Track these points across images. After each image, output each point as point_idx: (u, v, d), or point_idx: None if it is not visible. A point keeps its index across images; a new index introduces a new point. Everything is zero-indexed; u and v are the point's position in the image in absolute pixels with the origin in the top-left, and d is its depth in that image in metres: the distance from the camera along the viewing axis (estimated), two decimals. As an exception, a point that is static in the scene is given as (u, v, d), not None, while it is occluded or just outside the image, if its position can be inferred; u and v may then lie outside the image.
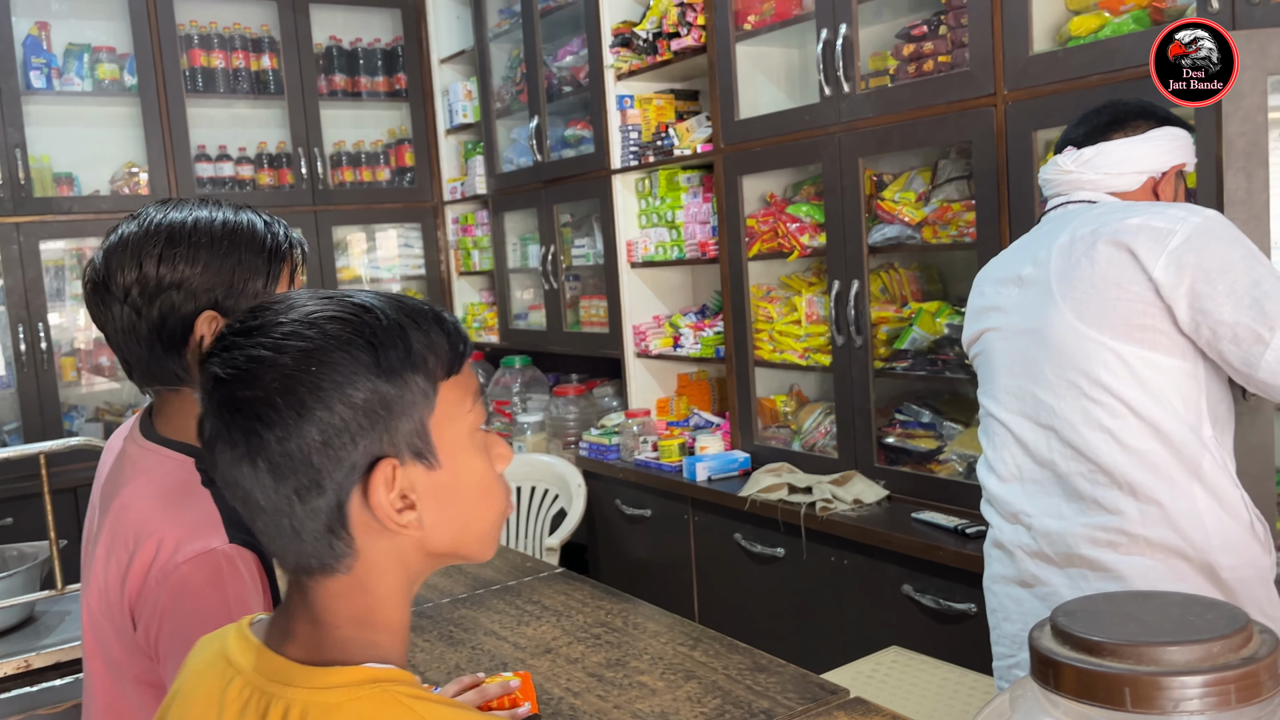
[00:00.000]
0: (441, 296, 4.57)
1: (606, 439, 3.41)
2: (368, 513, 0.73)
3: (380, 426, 0.72)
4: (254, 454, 0.71)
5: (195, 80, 4.01)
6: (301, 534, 0.73)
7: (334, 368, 0.71)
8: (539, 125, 3.75)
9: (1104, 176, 1.57)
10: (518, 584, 1.97)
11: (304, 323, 0.73)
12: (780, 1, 2.84)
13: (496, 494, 0.80)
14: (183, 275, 1.06)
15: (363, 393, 0.71)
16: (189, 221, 1.09)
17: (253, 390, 0.71)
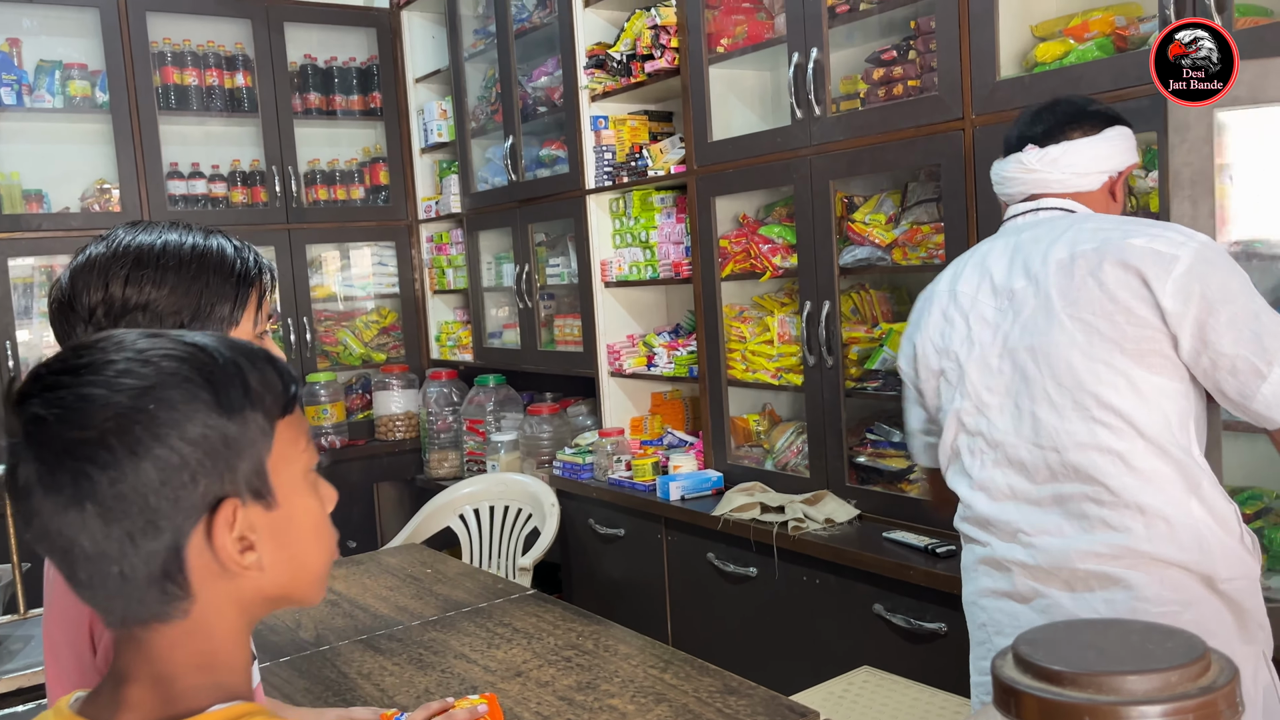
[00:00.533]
0: (416, 315, 4.56)
1: (580, 458, 3.40)
2: (207, 555, 0.71)
3: (221, 465, 0.70)
4: (83, 498, 0.67)
5: (168, 97, 3.99)
6: (132, 581, 0.69)
7: (172, 405, 0.69)
8: (514, 145, 3.75)
9: (1070, 176, 1.57)
10: (489, 606, 1.96)
11: (138, 360, 0.70)
12: (753, 25, 2.87)
13: (328, 535, 0.80)
14: (149, 297, 1.06)
15: (203, 430, 0.69)
16: (158, 244, 1.08)
17: (83, 430, 0.67)
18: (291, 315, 4.23)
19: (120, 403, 0.68)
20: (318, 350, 4.34)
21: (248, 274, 1.11)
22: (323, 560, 0.79)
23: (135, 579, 0.69)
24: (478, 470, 4.00)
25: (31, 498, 0.68)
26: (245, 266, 1.12)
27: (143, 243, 1.08)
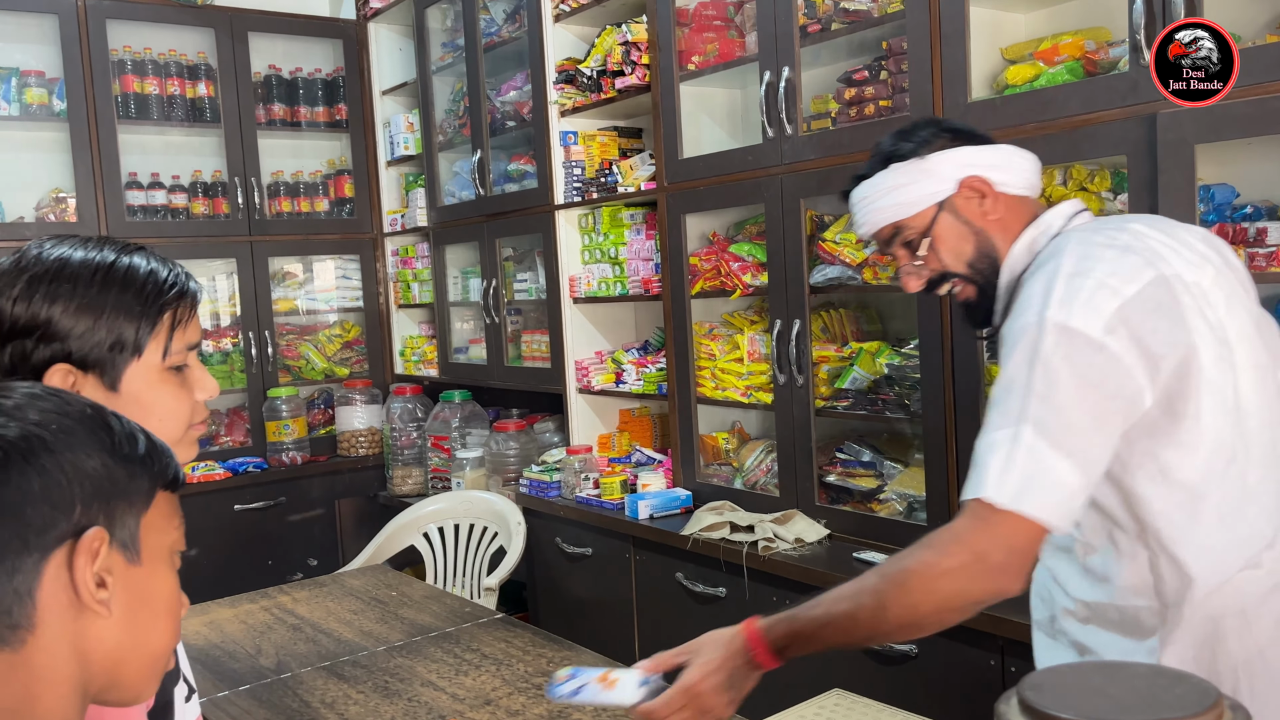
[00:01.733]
0: (380, 329, 4.50)
1: (547, 476, 3.36)
2: (63, 582, 0.69)
3: (101, 502, 0.71)
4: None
5: (128, 106, 3.92)
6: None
7: (74, 433, 0.71)
8: (482, 159, 3.72)
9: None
10: (456, 630, 1.92)
11: (47, 393, 0.74)
12: (724, 43, 2.87)
13: (175, 623, 0.79)
14: (38, 317, 0.97)
15: (96, 464, 0.72)
16: (61, 258, 1.00)
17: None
18: (253, 329, 4.15)
19: (29, 417, 0.70)
20: (279, 364, 4.26)
21: (159, 295, 1.02)
22: (165, 644, 0.77)
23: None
24: (442, 488, 3.94)
25: None
26: (157, 287, 1.02)
27: (47, 256, 1.00)
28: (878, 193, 1.44)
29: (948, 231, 1.42)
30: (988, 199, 1.41)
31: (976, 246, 1.42)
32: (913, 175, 1.42)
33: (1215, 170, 1.98)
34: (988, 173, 1.41)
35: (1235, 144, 1.88)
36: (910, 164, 1.42)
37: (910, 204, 1.42)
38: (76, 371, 0.98)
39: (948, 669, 2.14)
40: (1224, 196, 1.95)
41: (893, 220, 1.44)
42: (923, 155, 1.42)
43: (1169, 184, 1.86)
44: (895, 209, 1.43)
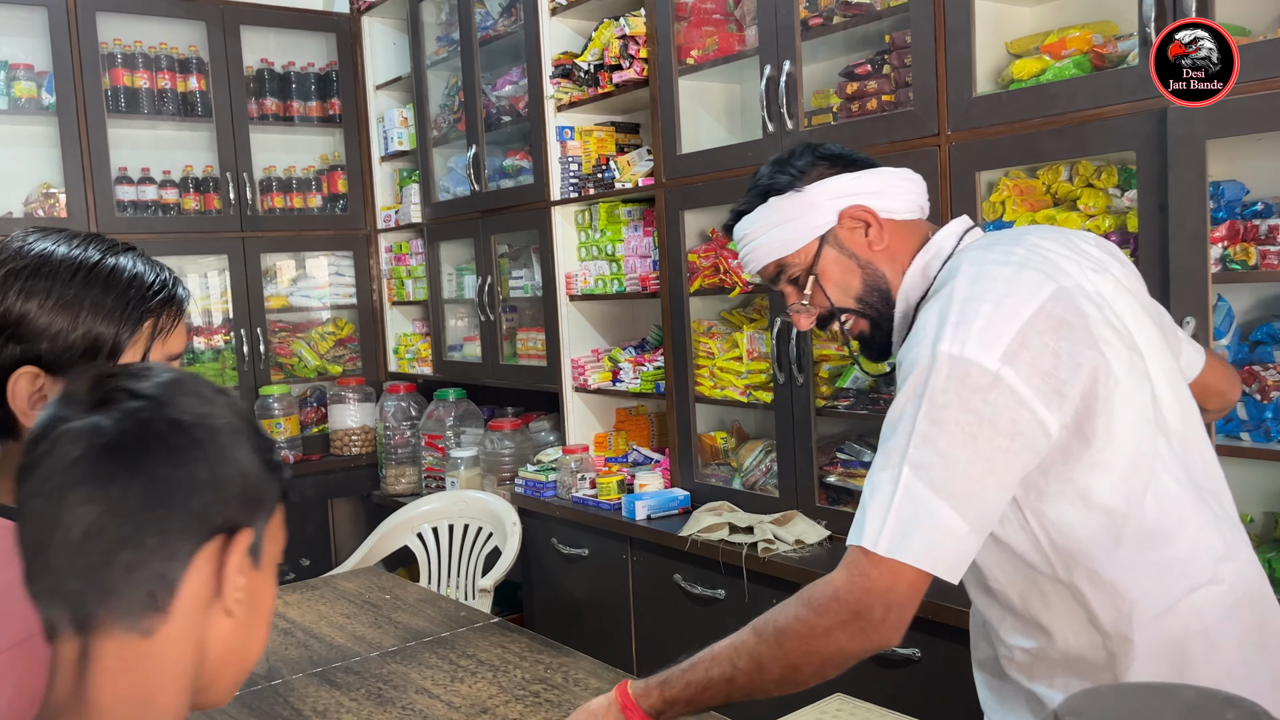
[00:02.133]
0: (374, 326, 4.46)
1: (543, 475, 3.32)
2: (206, 576, 0.71)
3: (251, 503, 0.73)
4: (131, 477, 0.67)
5: (118, 100, 3.86)
6: (133, 573, 0.67)
7: (240, 431, 0.74)
8: (477, 154, 3.68)
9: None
10: (451, 635, 1.88)
11: (216, 388, 0.76)
12: (723, 37, 2.83)
13: (269, 631, 0.80)
14: (11, 313, 0.92)
15: (253, 465, 0.74)
16: (44, 254, 0.94)
17: (170, 413, 0.70)
18: (245, 326, 4.10)
19: (213, 403, 0.73)
20: (271, 362, 4.21)
21: (142, 300, 0.96)
22: (259, 651, 0.79)
23: (137, 571, 0.68)
24: (436, 487, 3.90)
25: (79, 463, 0.67)
26: (140, 291, 0.96)
27: (29, 251, 0.94)
28: (757, 229, 1.37)
29: (832, 266, 1.34)
30: (872, 228, 1.33)
31: (864, 280, 1.34)
32: (792, 209, 1.34)
33: (1225, 166, 1.95)
34: (870, 200, 1.33)
35: (1244, 140, 1.85)
36: (788, 197, 1.34)
37: (791, 240, 1.34)
38: (45, 375, 0.92)
39: (951, 673, 2.10)
40: (1234, 193, 1.92)
41: (775, 258, 1.36)
42: (800, 187, 1.34)
43: (1179, 180, 1.82)
44: (776, 246, 1.35)
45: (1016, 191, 2.17)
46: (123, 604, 0.68)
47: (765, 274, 1.40)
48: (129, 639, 0.68)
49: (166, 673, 0.69)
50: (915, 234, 1.36)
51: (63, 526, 0.67)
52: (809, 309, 1.37)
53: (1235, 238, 1.86)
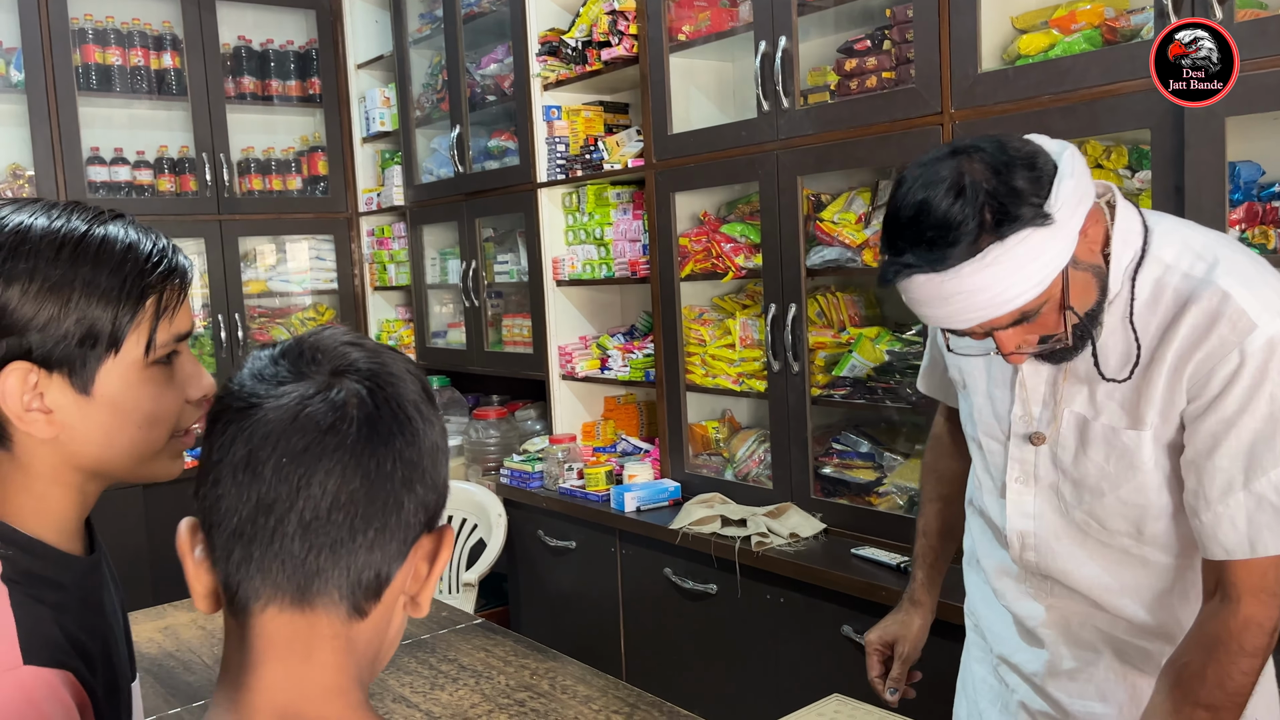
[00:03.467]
0: (355, 312, 4.35)
1: (529, 465, 3.23)
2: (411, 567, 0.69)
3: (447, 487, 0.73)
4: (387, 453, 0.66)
5: (89, 78, 3.73)
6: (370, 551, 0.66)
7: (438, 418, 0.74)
8: (461, 135, 3.57)
9: None
10: (431, 638, 1.79)
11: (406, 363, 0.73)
12: (716, 13, 2.73)
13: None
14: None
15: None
16: (19, 229, 0.81)
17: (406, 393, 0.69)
18: (223, 311, 3.99)
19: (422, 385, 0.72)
20: (250, 348, 4.10)
21: (141, 276, 0.83)
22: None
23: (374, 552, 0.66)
24: (420, 476, 3.81)
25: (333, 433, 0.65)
26: (138, 265, 0.83)
27: (3, 227, 0.81)
28: (994, 281, 1.06)
29: (1078, 288, 1.12)
30: (1092, 225, 1.13)
31: (1097, 287, 1.15)
32: (1038, 244, 1.05)
33: (1241, 147, 1.86)
34: (1087, 199, 1.10)
35: (1261, 120, 1.77)
36: (1034, 231, 1.05)
37: (1043, 279, 1.08)
38: (39, 370, 0.80)
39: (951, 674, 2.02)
40: (1250, 174, 1.84)
41: (1027, 305, 1.09)
42: (1045, 219, 1.05)
43: (1196, 160, 1.74)
44: (1031, 289, 1.07)
45: (1022, 172, 2.08)
46: (349, 583, 0.65)
47: (994, 325, 1.12)
48: (345, 619, 0.66)
49: (364, 656, 0.68)
50: (1099, 224, 1.16)
51: (308, 496, 0.63)
52: (1033, 342, 1.16)
53: (1254, 220, 1.78)
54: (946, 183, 1.07)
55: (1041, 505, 1.30)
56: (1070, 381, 1.24)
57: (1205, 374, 1.12)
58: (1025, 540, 1.32)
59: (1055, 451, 1.27)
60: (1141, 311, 1.16)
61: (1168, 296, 1.15)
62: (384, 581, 0.66)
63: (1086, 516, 1.26)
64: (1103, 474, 1.22)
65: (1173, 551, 1.24)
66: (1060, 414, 1.25)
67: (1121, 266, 1.17)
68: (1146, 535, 1.23)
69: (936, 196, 1.06)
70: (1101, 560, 1.27)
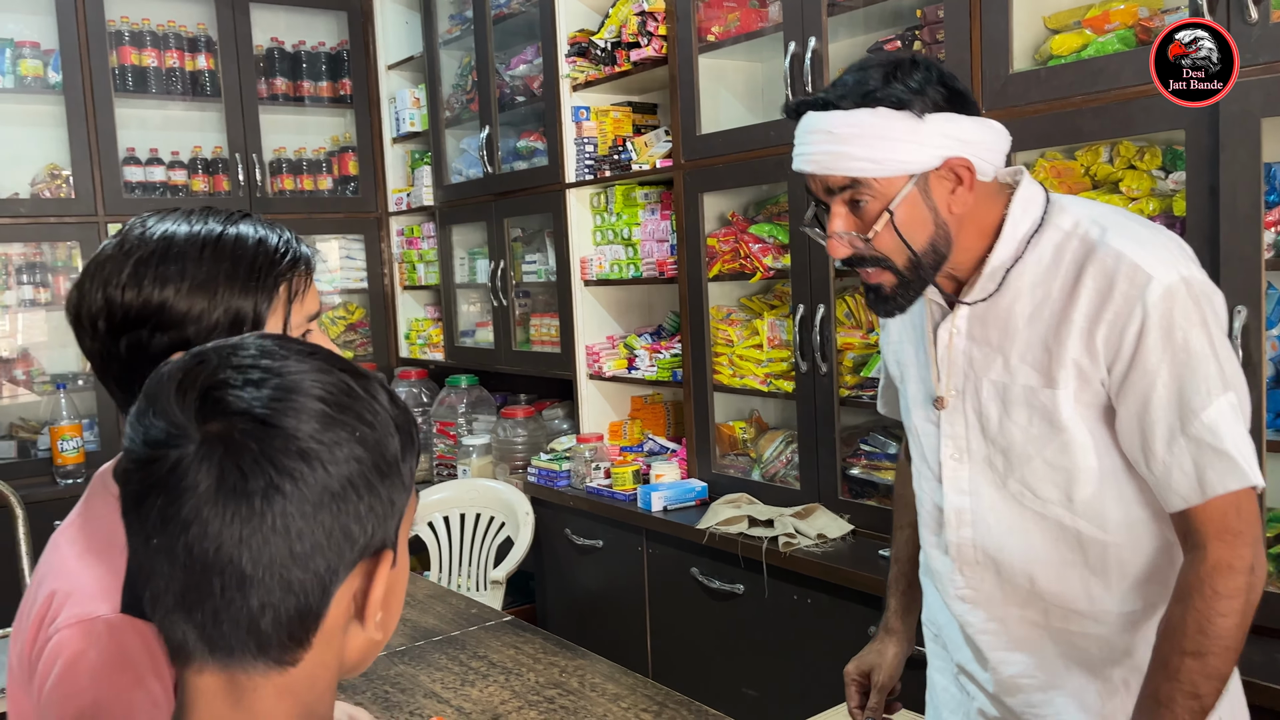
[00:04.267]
0: (385, 311, 4.39)
1: (556, 464, 3.25)
2: (346, 604, 0.65)
3: (391, 509, 0.65)
4: (266, 513, 0.59)
5: (125, 79, 3.79)
6: (268, 615, 0.61)
7: (377, 434, 0.64)
8: (490, 135, 3.59)
9: None
10: (461, 635, 1.80)
11: (322, 367, 0.65)
12: (746, 13, 2.73)
13: (400, 607, 0.73)
14: (151, 302, 0.90)
15: (389, 469, 0.64)
16: (166, 236, 0.92)
17: (295, 441, 0.60)
18: (254, 310, 4.03)
19: (335, 418, 0.62)
20: (282, 347, 4.14)
21: (272, 266, 0.94)
22: (393, 629, 0.72)
23: (274, 612, 0.61)
24: (448, 475, 3.84)
25: (199, 501, 0.59)
26: (269, 257, 0.94)
27: (150, 236, 0.92)
28: (849, 133, 1.16)
29: (910, 213, 1.19)
30: (962, 186, 1.20)
31: (931, 238, 1.21)
32: (899, 131, 1.16)
33: (1276, 148, 1.84)
34: (976, 156, 1.19)
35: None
36: (903, 117, 1.16)
37: (884, 163, 1.16)
38: None
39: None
40: (1287, 175, 1.82)
41: (857, 174, 1.17)
42: (921, 112, 1.16)
43: (1232, 160, 1.72)
44: (865, 163, 1.16)
45: (1054, 173, 2.08)
46: (261, 649, 0.63)
47: (828, 183, 1.21)
48: (277, 674, 0.64)
49: (316, 691, 0.66)
50: (993, 202, 1.24)
51: (194, 568, 0.61)
52: (853, 241, 1.21)
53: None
54: (885, 57, 1.23)
55: (976, 479, 1.31)
56: (984, 350, 1.27)
57: (1117, 335, 1.17)
58: (962, 517, 1.32)
59: (982, 423, 1.29)
60: (1042, 274, 1.22)
61: (1066, 259, 1.22)
62: (307, 632, 0.64)
63: (1020, 486, 1.27)
64: (1028, 437, 1.25)
65: (1104, 526, 1.24)
66: (980, 384, 1.28)
67: (1020, 233, 1.24)
68: (1077, 503, 1.24)
69: (870, 62, 1.21)
70: (1038, 534, 1.27)
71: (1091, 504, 1.24)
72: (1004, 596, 1.31)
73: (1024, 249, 1.24)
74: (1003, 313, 1.25)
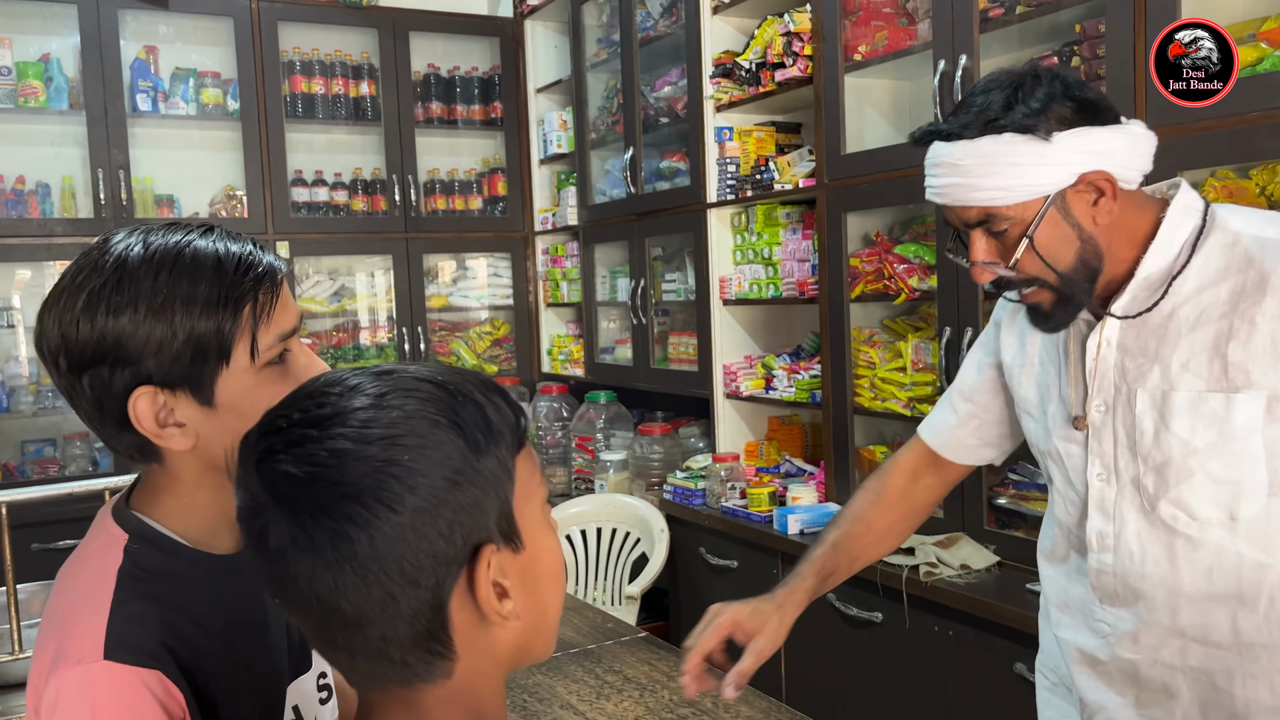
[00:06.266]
0: (529, 327, 4.50)
1: (692, 483, 3.26)
2: (469, 608, 0.66)
3: (476, 510, 0.65)
4: (342, 560, 0.62)
5: (295, 106, 4.03)
6: (395, 644, 0.65)
7: (424, 452, 0.64)
8: (634, 156, 3.65)
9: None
10: (598, 648, 1.83)
11: (379, 406, 0.65)
12: (893, 31, 2.69)
13: (564, 575, 0.75)
14: (106, 337, 0.82)
15: (455, 475, 0.64)
16: (118, 259, 0.84)
17: (339, 487, 0.62)
18: (407, 324, 4.21)
19: (374, 455, 0.63)
20: (431, 360, 4.31)
21: (234, 286, 0.84)
22: (560, 603, 0.75)
23: (399, 641, 0.65)
24: (585, 489, 3.90)
25: (286, 561, 0.64)
26: (228, 272, 0.84)
27: (103, 264, 0.84)
28: (974, 164, 1.15)
29: (1052, 234, 1.16)
30: (1105, 198, 1.16)
31: (1078, 254, 1.17)
32: (1027, 155, 1.13)
33: None
34: (1116, 166, 1.15)
35: None
36: (1028, 140, 1.13)
37: (1015, 190, 1.14)
38: (165, 392, 0.84)
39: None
40: None
41: (988, 205, 1.16)
42: (1046, 134, 1.13)
43: None
44: (995, 192, 1.14)
45: (1226, 193, 1.96)
46: (409, 671, 0.66)
47: (962, 216, 1.20)
48: (439, 685, 0.67)
49: (481, 695, 0.69)
50: (1143, 210, 1.20)
51: (314, 618, 0.66)
52: (997, 268, 1.20)
53: None
54: (1009, 76, 1.18)
55: (1123, 504, 1.24)
56: (1139, 361, 1.21)
57: None
58: (1104, 541, 1.25)
59: (1134, 438, 1.21)
60: (1210, 278, 1.16)
61: (1237, 261, 1.15)
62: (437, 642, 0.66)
63: (1173, 508, 1.19)
64: (1189, 449, 1.17)
65: (1267, 548, 1.15)
66: (1134, 395, 1.20)
67: (1180, 238, 1.19)
68: (1241, 521, 1.15)
69: (994, 82, 1.18)
70: (1186, 563, 1.19)
71: (1257, 522, 1.16)
72: (1140, 635, 1.24)
73: (1188, 255, 1.18)
74: (1162, 320, 1.19)
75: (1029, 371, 1.38)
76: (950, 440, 1.50)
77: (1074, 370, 1.27)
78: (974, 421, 1.48)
